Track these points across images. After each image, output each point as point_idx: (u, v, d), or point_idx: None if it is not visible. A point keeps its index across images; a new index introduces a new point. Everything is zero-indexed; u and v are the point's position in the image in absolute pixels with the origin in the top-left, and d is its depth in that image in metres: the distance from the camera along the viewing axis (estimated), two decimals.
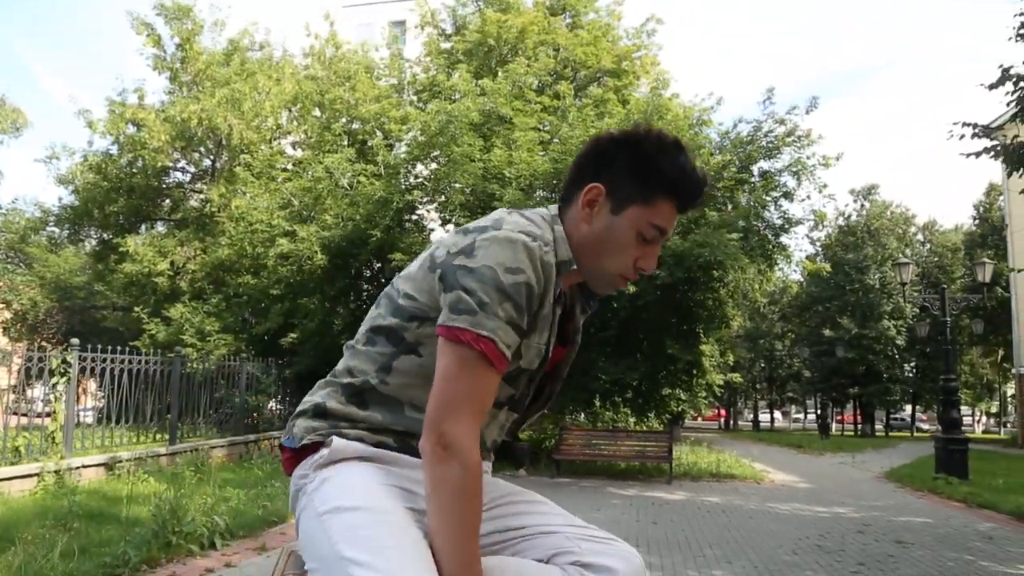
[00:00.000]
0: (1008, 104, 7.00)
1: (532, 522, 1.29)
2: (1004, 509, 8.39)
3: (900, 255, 35.04)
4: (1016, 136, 7.03)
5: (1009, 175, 7.23)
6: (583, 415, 16.36)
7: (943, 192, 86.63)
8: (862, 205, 37.50)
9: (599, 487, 10.39)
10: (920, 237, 38.96)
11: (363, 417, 1.19)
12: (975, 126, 7.09)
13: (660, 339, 12.46)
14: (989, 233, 33.15)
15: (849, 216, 37.41)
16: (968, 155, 7.21)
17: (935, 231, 38.57)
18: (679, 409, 15.77)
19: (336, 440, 1.18)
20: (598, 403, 14.29)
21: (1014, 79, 6.77)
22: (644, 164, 1.19)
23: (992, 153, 7.06)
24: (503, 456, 13.31)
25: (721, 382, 15.67)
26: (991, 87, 6.95)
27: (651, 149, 1.20)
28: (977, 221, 35.28)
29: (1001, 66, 6.89)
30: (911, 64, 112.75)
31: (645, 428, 14.91)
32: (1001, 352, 34.02)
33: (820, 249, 37.07)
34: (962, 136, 7.17)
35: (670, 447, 11.65)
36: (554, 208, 1.28)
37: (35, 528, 5.39)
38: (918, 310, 30.07)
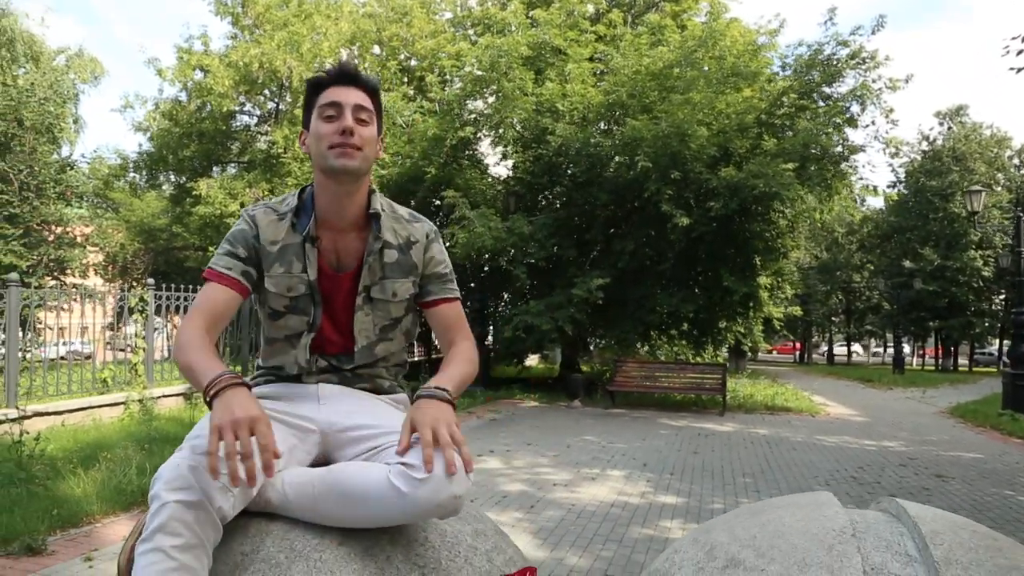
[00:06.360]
0: None
1: (368, 421, 1.44)
2: None
3: (991, 181, 32.94)
4: None
5: None
6: (644, 348, 16.46)
7: None
8: (948, 128, 35.20)
9: (651, 418, 10.57)
10: (1016, 161, 36.40)
11: None
12: None
13: (716, 271, 12.34)
14: None
15: (934, 140, 35.24)
16: (1018, 70, 6.77)
17: None
18: (736, 342, 15.66)
19: None
20: (655, 335, 14.34)
21: None
22: (307, 90, 1.56)
23: None
24: (560, 387, 13.68)
25: (780, 315, 15.42)
26: None
27: (310, 79, 1.57)
28: None
29: None
30: None
31: (703, 361, 14.92)
32: None
33: (903, 176, 35.22)
34: (1020, 52, 6.71)
35: (723, 379, 11.67)
36: None
37: (117, 449, 5.99)
38: (1010, 239, 28.40)
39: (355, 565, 1.20)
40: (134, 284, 19.95)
